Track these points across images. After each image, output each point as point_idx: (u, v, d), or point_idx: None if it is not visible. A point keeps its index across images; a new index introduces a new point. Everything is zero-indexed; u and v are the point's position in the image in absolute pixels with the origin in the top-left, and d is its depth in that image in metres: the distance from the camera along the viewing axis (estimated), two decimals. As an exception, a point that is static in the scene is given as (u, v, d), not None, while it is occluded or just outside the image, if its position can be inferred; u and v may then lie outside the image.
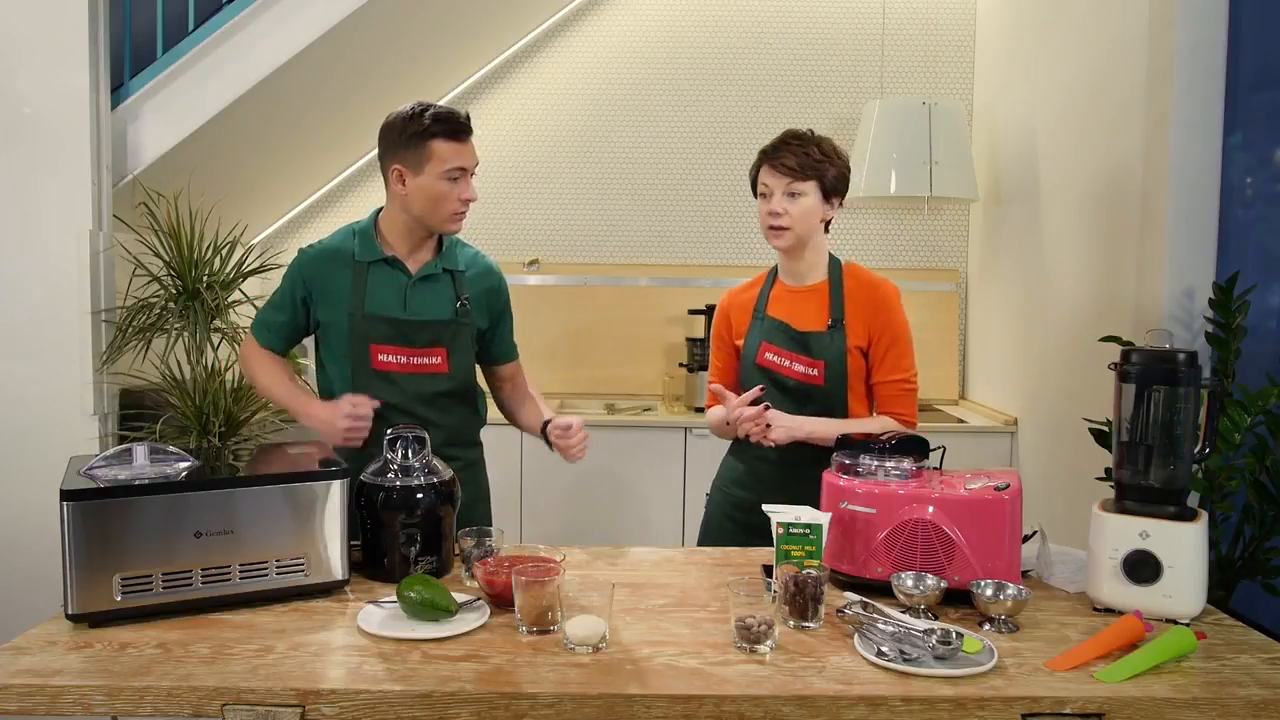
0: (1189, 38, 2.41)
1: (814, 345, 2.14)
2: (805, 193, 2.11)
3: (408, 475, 1.77)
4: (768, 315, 2.20)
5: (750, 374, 2.20)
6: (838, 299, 2.15)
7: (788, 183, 2.10)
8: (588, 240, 4.06)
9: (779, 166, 2.11)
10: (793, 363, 2.15)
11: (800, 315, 2.17)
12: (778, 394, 2.16)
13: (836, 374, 2.13)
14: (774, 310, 2.20)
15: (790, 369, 2.15)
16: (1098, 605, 1.67)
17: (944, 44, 3.99)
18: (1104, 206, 2.80)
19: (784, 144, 2.13)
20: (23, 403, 2.96)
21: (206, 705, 1.33)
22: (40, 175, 2.95)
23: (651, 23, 4.00)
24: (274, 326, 2.15)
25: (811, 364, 2.13)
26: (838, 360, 2.12)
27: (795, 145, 2.12)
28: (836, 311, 2.14)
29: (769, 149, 2.15)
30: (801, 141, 2.13)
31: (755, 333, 2.21)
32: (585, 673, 1.39)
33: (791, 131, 2.16)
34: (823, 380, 2.13)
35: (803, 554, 1.66)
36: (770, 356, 2.17)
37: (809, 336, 2.14)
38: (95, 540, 1.53)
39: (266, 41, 3.13)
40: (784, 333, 2.16)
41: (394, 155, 2.01)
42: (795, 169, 2.09)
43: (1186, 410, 1.65)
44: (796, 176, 2.10)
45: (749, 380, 2.19)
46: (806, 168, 2.10)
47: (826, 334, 2.13)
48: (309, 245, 2.14)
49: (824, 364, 2.12)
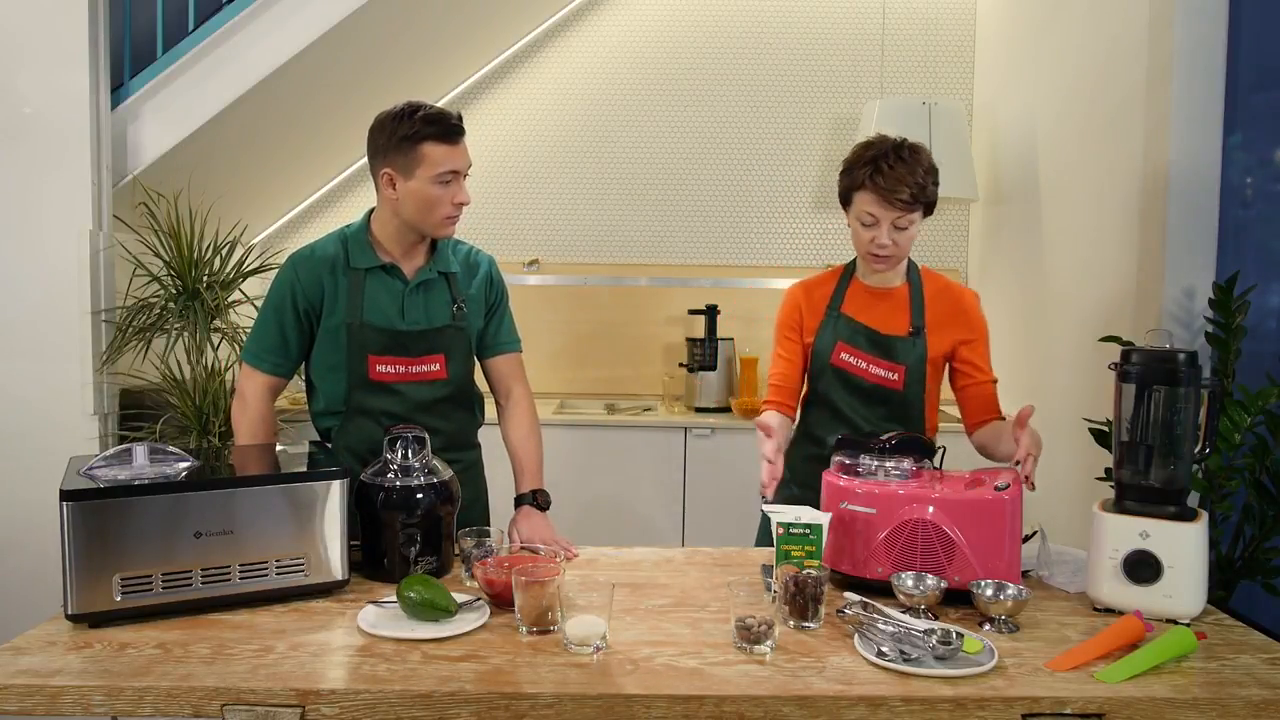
0: (1189, 38, 2.41)
1: (898, 350, 2.09)
2: (912, 221, 1.99)
3: (407, 475, 1.77)
4: (844, 314, 2.13)
5: (822, 371, 2.14)
6: (919, 304, 2.10)
7: (898, 215, 1.97)
8: (588, 240, 4.06)
9: (893, 200, 1.95)
10: (870, 365, 2.10)
11: (880, 318, 2.11)
12: (847, 394, 2.12)
13: (916, 378, 2.09)
14: (851, 310, 2.13)
15: (866, 371, 2.10)
16: (1098, 605, 1.67)
17: (944, 44, 3.99)
18: (1104, 206, 2.80)
19: (891, 168, 1.94)
20: (23, 403, 2.96)
21: (206, 705, 1.33)
22: (40, 175, 2.95)
23: (651, 23, 4.00)
24: (275, 348, 2.01)
25: (892, 368, 2.09)
26: (919, 365, 2.08)
27: (904, 171, 1.94)
28: (918, 318, 2.09)
29: (874, 172, 1.95)
30: (909, 164, 1.95)
31: (829, 331, 2.13)
32: (585, 673, 1.39)
33: (893, 147, 1.98)
34: (902, 385, 2.09)
35: (803, 554, 1.66)
36: (846, 358, 2.11)
37: (893, 341, 2.09)
38: (95, 540, 1.53)
39: (266, 42, 3.13)
40: (866, 335, 2.10)
41: (384, 158, 1.94)
42: (908, 201, 1.95)
43: (1186, 410, 1.65)
44: (909, 209, 1.96)
45: (819, 377, 2.15)
46: (918, 198, 1.96)
47: (909, 339, 2.09)
48: (300, 250, 2.05)
49: (905, 369, 2.08)
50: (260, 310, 2.05)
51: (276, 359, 2.03)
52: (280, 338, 2.02)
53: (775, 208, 4.02)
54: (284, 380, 2.07)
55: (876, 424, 2.09)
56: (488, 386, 2.22)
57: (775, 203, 4.02)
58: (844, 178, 2.05)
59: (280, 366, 2.04)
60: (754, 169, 4.02)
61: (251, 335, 2.05)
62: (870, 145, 2.01)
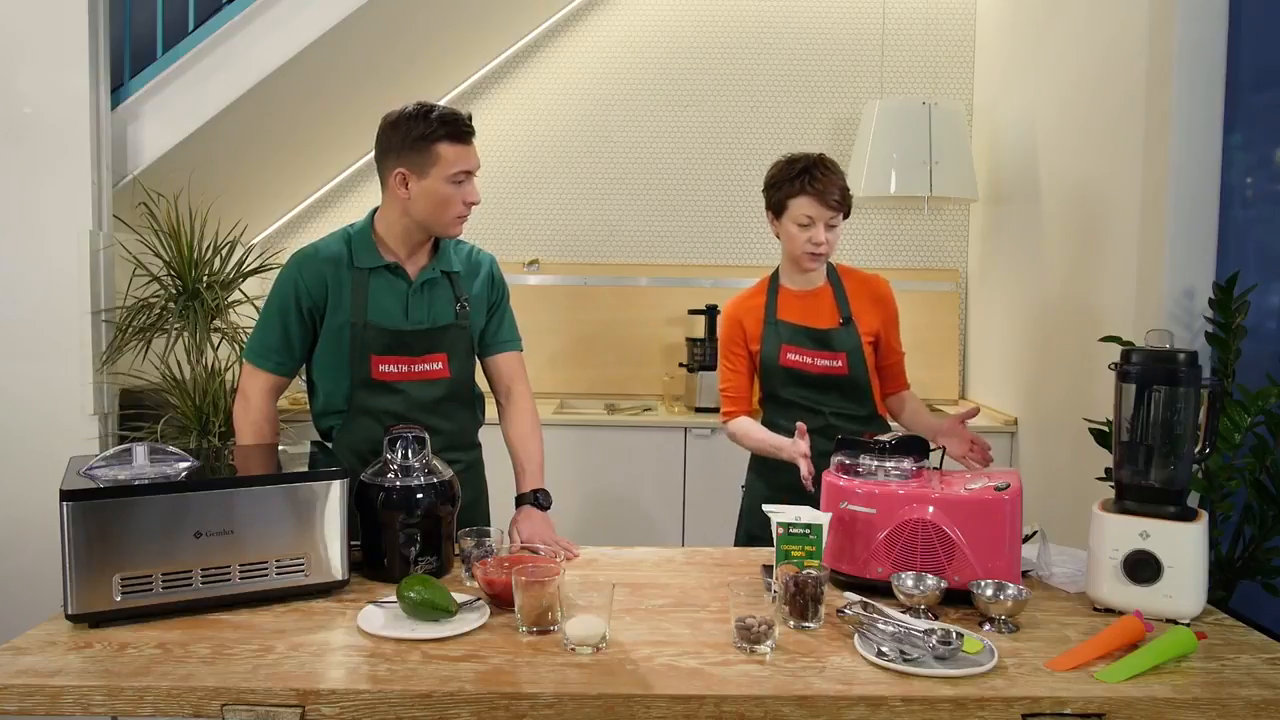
0: (1189, 38, 2.41)
1: (835, 340, 2.33)
2: (839, 222, 2.28)
3: (407, 475, 1.77)
4: (780, 320, 2.36)
5: (773, 374, 2.36)
6: (842, 298, 2.37)
7: (831, 215, 2.25)
8: (588, 240, 4.06)
9: (828, 201, 2.23)
10: (815, 359, 2.33)
11: (813, 316, 2.35)
12: (799, 388, 2.35)
13: (858, 361, 2.33)
14: (786, 314, 2.37)
15: (813, 364, 2.33)
16: (1098, 605, 1.67)
17: (944, 44, 3.99)
18: (1104, 206, 2.80)
19: (823, 175, 2.24)
20: (23, 403, 2.96)
21: (206, 705, 1.33)
22: (40, 175, 2.95)
23: (651, 23, 4.00)
24: (278, 347, 2.01)
25: (834, 357, 2.32)
26: (857, 350, 2.33)
27: (834, 178, 2.25)
28: (845, 310, 2.35)
29: (809, 178, 2.23)
30: (835, 172, 2.26)
31: (772, 336, 2.36)
32: (585, 673, 1.39)
33: (818, 159, 2.27)
34: (847, 370, 2.32)
35: (803, 554, 1.66)
36: (793, 356, 2.34)
37: (829, 333, 2.33)
38: (95, 540, 1.53)
39: (266, 42, 3.13)
40: (805, 333, 2.34)
41: (397, 158, 1.94)
42: (839, 203, 2.24)
43: (1186, 410, 1.65)
44: (839, 210, 2.25)
45: (771, 379, 2.37)
46: (844, 200, 2.26)
47: (842, 329, 2.34)
48: (303, 249, 2.05)
49: (845, 355, 2.32)
50: (263, 309, 2.04)
51: (279, 358, 2.03)
52: (283, 337, 2.01)
53: (775, 208, 4.01)
54: (287, 380, 2.07)
55: (832, 407, 2.33)
56: (488, 385, 2.22)
57: (775, 203, 4.01)
58: (776, 190, 2.30)
59: (283, 366, 2.04)
60: (754, 169, 3.99)
61: (254, 334, 2.05)
62: (795, 160, 2.28)
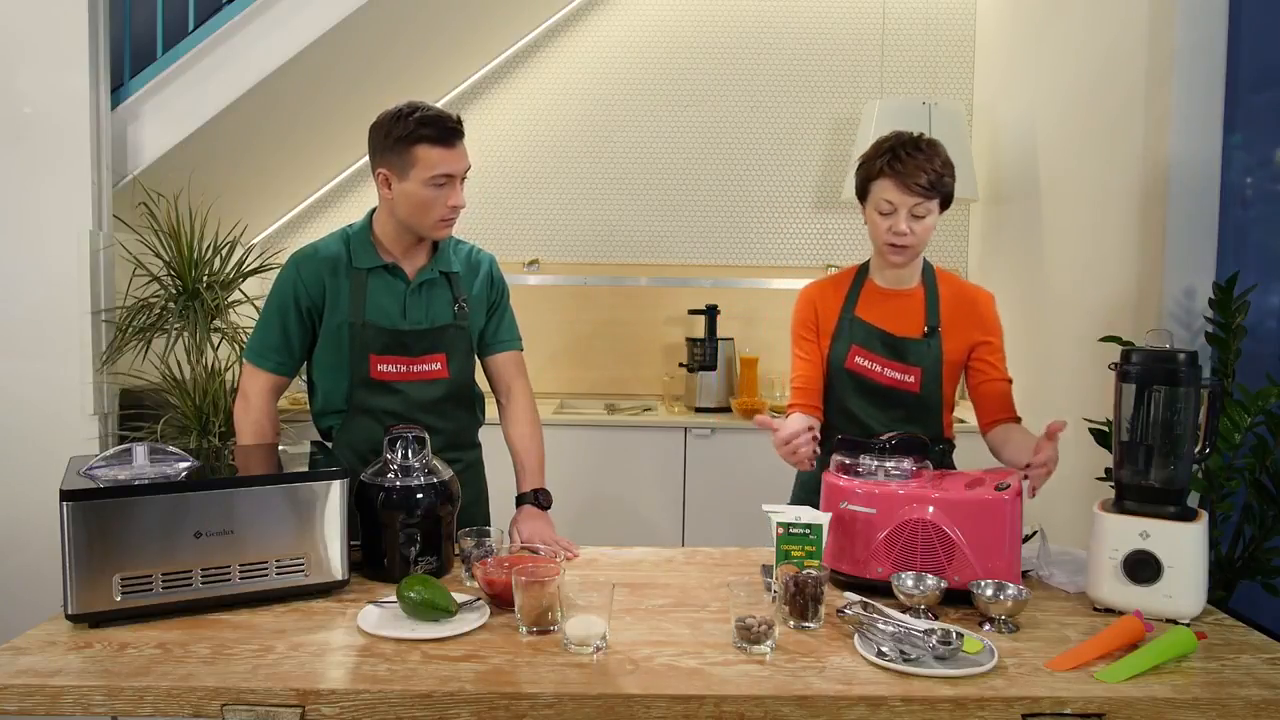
0: (1189, 38, 2.41)
1: (911, 352, 2.06)
2: (930, 211, 1.98)
3: (407, 475, 1.77)
4: (858, 318, 2.10)
5: (837, 376, 2.11)
6: (934, 306, 2.08)
7: (916, 202, 1.96)
8: (588, 240, 4.06)
9: (911, 186, 1.94)
10: (885, 368, 2.07)
11: (894, 320, 2.08)
12: (860, 397, 2.09)
13: (933, 380, 2.07)
14: (864, 313, 2.10)
15: (881, 374, 2.08)
16: (1098, 605, 1.67)
17: (944, 44, 3.99)
18: (1104, 206, 2.80)
19: (910, 155, 1.95)
20: (23, 403, 2.96)
21: (206, 705, 1.33)
22: (40, 175, 2.95)
23: (651, 23, 4.00)
24: (278, 347, 2.02)
25: (907, 370, 2.06)
26: (934, 367, 2.06)
27: (923, 160, 1.95)
28: (933, 319, 2.07)
29: (892, 159, 1.96)
30: (927, 154, 1.96)
31: (844, 334, 2.10)
32: (585, 673, 1.39)
33: (911, 139, 1.99)
34: (919, 387, 2.07)
35: (803, 554, 1.66)
36: (860, 361, 2.08)
37: (907, 343, 2.07)
38: (95, 540, 1.53)
39: (266, 42, 3.13)
40: (880, 338, 2.08)
41: (380, 158, 1.94)
42: (926, 188, 1.94)
43: (1186, 410, 1.65)
44: (927, 196, 1.95)
45: (833, 380, 2.11)
46: (936, 185, 1.95)
47: (923, 341, 2.06)
48: (302, 249, 2.05)
49: (920, 371, 2.06)
50: (263, 309, 2.05)
51: (279, 358, 2.03)
52: (283, 337, 2.02)
53: (775, 208, 4.02)
54: (287, 379, 2.07)
55: (891, 427, 2.01)
56: (488, 385, 2.22)
57: (775, 203, 4.02)
58: (861, 170, 2.04)
59: (283, 365, 2.04)
60: (754, 169, 4.02)
61: (254, 334, 2.05)
62: (888, 138, 2.01)
